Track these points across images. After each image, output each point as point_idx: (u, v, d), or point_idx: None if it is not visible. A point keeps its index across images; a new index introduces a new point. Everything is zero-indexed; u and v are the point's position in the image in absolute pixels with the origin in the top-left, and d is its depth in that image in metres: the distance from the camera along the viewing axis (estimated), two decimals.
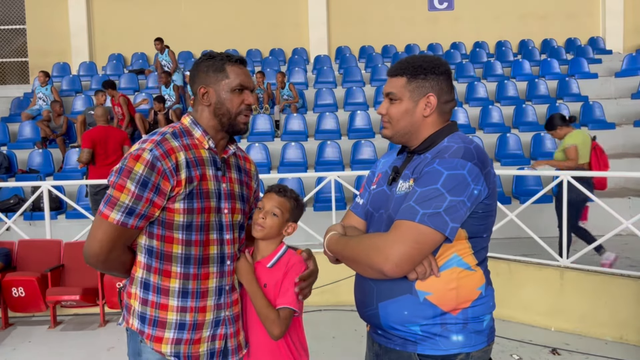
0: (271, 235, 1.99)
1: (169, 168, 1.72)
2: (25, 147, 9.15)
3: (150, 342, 1.79)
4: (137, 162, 1.71)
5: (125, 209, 1.71)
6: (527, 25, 13.36)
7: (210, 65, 1.86)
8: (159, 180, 1.72)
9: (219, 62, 1.85)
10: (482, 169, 1.63)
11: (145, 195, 1.71)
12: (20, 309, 5.14)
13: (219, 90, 1.85)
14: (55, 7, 13.13)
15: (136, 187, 1.70)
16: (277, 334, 1.91)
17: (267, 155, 8.68)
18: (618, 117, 9.80)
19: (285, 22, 13.40)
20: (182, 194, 1.75)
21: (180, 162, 1.75)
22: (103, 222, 1.73)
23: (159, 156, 1.72)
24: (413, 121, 1.76)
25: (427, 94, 1.74)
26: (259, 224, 1.96)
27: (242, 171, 1.99)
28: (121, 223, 1.72)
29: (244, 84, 1.86)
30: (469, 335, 1.67)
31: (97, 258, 1.76)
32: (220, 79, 1.84)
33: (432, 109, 1.75)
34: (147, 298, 1.80)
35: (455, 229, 1.58)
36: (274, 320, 1.90)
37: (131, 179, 1.70)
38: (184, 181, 1.75)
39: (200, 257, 1.81)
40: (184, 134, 1.84)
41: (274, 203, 1.99)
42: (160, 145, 1.75)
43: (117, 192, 1.71)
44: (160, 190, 1.72)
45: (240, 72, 1.86)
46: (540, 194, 5.39)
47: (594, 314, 4.60)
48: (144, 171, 1.70)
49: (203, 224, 1.80)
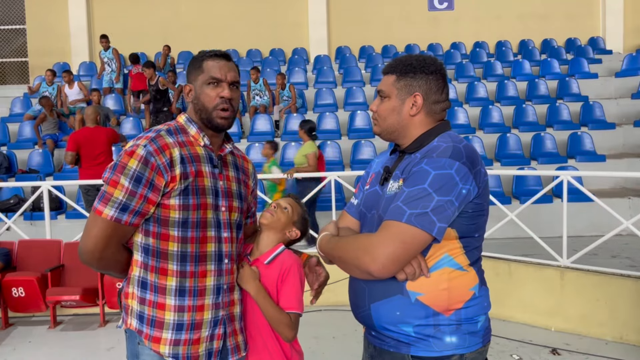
0: (275, 227, 2.01)
1: (162, 163, 1.72)
2: (25, 147, 9.15)
3: (149, 342, 1.78)
4: (131, 158, 1.71)
5: (119, 204, 1.70)
6: (527, 25, 13.35)
7: (192, 63, 1.89)
8: (152, 175, 1.71)
9: (199, 59, 1.87)
10: (471, 168, 1.61)
11: (139, 191, 1.71)
12: (20, 309, 5.14)
13: (197, 86, 1.86)
14: (55, 7, 13.13)
15: (130, 183, 1.70)
16: (291, 337, 1.94)
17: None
18: (618, 117, 9.80)
19: (285, 22, 13.39)
20: (177, 189, 1.75)
21: (175, 158, 1.75)
22: (97, 218, 1.73)
23: (152, 152, 1.72)
24: (400, 119, 1.76)
25: (414, 93, 1.74)
26: (270, 211, 2.01)
27: (240, 169, 1.99)
28: (115, 219, 1.71)
29: (216, 77, 1.83)
30: (463, 336, 1.66)
31: (91, 255, 1.76)
32: (198, 74, 1.86)
33: (418, 109, 1.74)
34: (144, 297, 1.80)
35: (442, 229, 1.57)
36: (287, 323, 1.92)
37: (125, 174, 1.70)
38: (179, 177, 1.75)
39: (197, 255, 1.80)
40: (178, 131, 1.84)
41: (288, 201, 2.07)
42: (154, 141, 1.75)
43: (110, 187, 1.71)
44: (154, 186, 1.72)
45: (214, 65, 1.84)
46: (540, 194, 5.39)
47: (594, 314, 4.60)
48: (138, 167, 1.70)
49: (199, 220, 1.80)
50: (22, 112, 10.43)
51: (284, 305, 1.93)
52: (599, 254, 5.36)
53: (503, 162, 8.28)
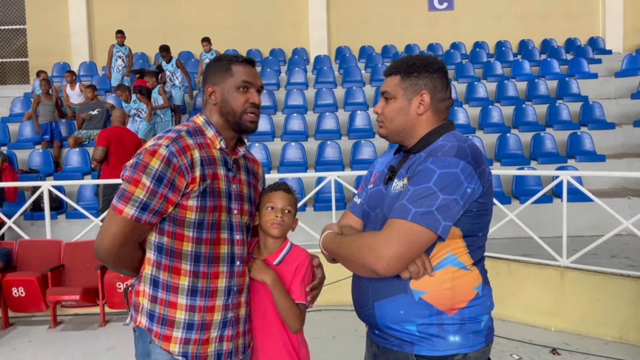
0: (286, 232, 2.02)
1: (184, 164, 1.73)
2: (25, 147, 9.15)
3: (159, 340, 1.79)
4: (153, 157, 1.71)
5: (139, 203, 1.70)
6: (527, 25, 13.35)
7: (217, 66, 1.89)
8: (174, 176, 1.71)
9: (226, 62, 1.88)
10: (476, 168, 1.62)
11: (160, 190, 1.70)
12: (21, 309, 5.14)
13: (224, 89, 1.86)
14: (55, 7, 13.13)
15: (151, 182, 1.70)
16: (299, 328, 1.98)
17: (267, 155, 8.68)
18: (618, 117, 9.79)
19: (285, 22, 13.39)
20: (197, 191, 1.75)
21: (195, 160, 1.76)
22: (117, 216, 1.72)
23: (175, 152, 1.72)
24: (407, 119, 1.76)
25: (421, 92, 1.75)
26: (278, 222, 1.97)
27: (250, 173, 2.00)
28: (135, 218, 1.71)
29: (248, 82, 1.87)
30: (467, 335, 1.66)
31: (108, 253, 1.76)
32: (226, 77, 1.87)
33: (425, 107, 1.75)
34: (156, 295, 1.80)
35: (447, 228, 1.58)
36: (298, 315, 1.96)
37: (147, 173, 1.70)
38: (199, 178, 1.75)
39: (210, 256, 1.81)
40: (197, 132, 1.84)
41: (286, 201, 2.01)
42: (176, 142, 1.75)
43: (132, 186, 1.71)
44: (175, 186, 1.72)
45: (245, 71, 1.88)
46: (540, 194, 5.40)
47: (594, 314, 4.61)
48: (160, 166, 1.70)
49: (214, 222, 1.81)
50: (22, 112, 10.41)
51: (294, 296, 1.96)
52: (598, 254, 5.36)
53: (503, 162, 8.28)
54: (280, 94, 10.64)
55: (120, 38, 10.89)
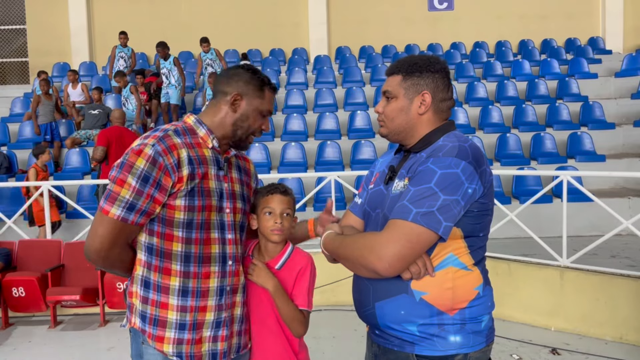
0: (287, 236, 2.00)
1: (170, 164, 1.72)
2: (25, 147, 9.14)
3: (152, 341, 1.79)
4: (139, 157, 1.70)
5: (125, 204, 1.69)
6: (527, 25, 13.35)
7: (252, 79, 1.88)
8: (160, 175, 1.71)
9: (260, 82, 1.89)
10: (476, 168, 1.62)
11: (146, 190, 1.70)
12: (21, 309, 5.15)
13: (250, 106, 1.88)
14: (55, 7, 13.13)
15: (137, 182, 1.69)
16: (303, 333, 1.97)
17: (267, 155, 8.69)
18: (618, 117, 9.79)
19: (285, 22, 13.39)
20: (184, 190, 1.75)
21: (182, 159, 1.74)
22: (103, 217, 1.72)
23: (161, 151, 1.71)
24: (408, 119, 1.76)
25: (422, 92, 1.74)
26: (278, 229, 1.95)
27: (242, 171, 2.00)
28: (121, 218, 1.70)
29: (270, 112, 1.93)
30: (467, 335, 1.66)
31: (98, 254, 1.75)
32: (256, 97, 1.88)
33: (427, 107, 1.75)
34: (147, 296, 1.80)
35: (448, 228, 1.58)
36: (302, 321, 1.95)
37: (132, 173, 1.69)
38: (186, 178, 1.74)
39: (201, 256, 1.80)
40: (186, 132, 1.83)
41: (284, 204, 1.98)
42: (162, 141, 1.74)
43: (117, 187, 1.70)
44: (162, 186, 1.71)
45: (272, 99, 1.94)
46: (540, 194, 5.40)
47: (594, 314, 4.61)
48: (146, 166, 1.69)
49: (203, 222, 1.80)
50: (22, 112, 10.40)
51: (298, 302, 1.95)
52: (598, 254, 5.36)
53: (503, 162, 8.28)
54: (280, 94, 10.63)
55: (124, 39, 10.89)
